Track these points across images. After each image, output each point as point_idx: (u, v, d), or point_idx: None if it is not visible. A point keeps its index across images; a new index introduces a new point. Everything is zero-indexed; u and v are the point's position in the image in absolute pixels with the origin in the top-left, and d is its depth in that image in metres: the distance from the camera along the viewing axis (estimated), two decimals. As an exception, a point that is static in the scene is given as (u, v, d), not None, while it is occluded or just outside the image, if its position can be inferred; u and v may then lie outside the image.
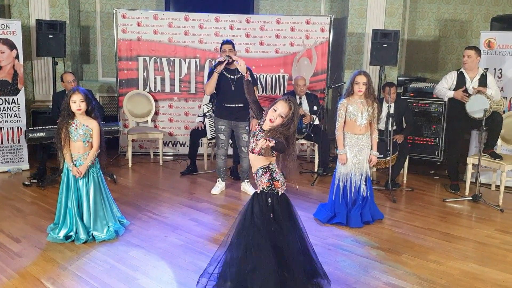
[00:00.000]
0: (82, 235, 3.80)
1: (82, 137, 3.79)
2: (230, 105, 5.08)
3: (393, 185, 5.36)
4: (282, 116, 2.83)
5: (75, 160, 3.82)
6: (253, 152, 2.95)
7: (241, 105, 5.09)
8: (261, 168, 2.95)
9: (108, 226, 3.93)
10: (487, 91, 5.13)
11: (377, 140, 4.42)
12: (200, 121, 6.14)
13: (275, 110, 2.84)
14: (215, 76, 4.94)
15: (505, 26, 6.34)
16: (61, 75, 5.85)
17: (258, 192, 2.96)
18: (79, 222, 3.82)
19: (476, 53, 5.28)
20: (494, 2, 7.53)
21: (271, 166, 2.95)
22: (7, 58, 5.79)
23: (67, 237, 3.81)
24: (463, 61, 5.34)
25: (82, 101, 3.75)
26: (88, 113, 3.82)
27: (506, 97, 5.72)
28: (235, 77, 5.05)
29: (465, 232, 4.29)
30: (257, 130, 2.96)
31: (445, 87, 5.43)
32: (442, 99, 5.69)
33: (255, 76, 5.41)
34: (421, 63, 7.82)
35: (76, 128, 3.78)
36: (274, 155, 2.95)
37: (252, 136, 2.98)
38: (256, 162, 2.97)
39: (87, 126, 3.80)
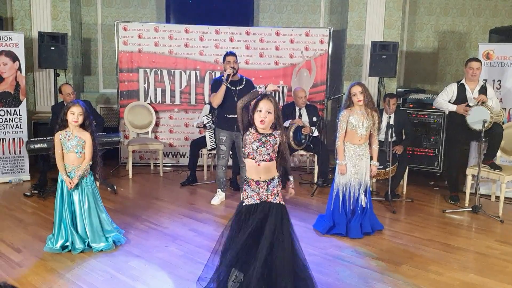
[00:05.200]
0: (78, 245, 3.81)
1: (75, 148, 3.81)
2: (232, 116, 5.11)
3: (393, 196, 5.37)
4: (269, 112, 2.87)
5: (69, 172, 3.84)
6: (271, 160, 2.92)
7: (243, 115, 5.13)
8: (277, 178, 2.97)
9: (106, 237, 3.94)
10: (487, 101, 5.16)
11: (377, 151, 4.45)
12: (200, 121, 6.13)
13: (260, 111, 2.87)
14: (223, 88, 5.00)
15: (503, 37, 6.41)
16: (60, 86, 5.80)
17: (278, 202, 2.94)
18: (74, 233, 3.84)
19: (481, 65, 5.32)
20: (493, 14, 7.61)
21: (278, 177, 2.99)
22: (10, 70, 5.85)
23: (63, 247, 3.82)
24: (471, 73, 5.26)
25: (81, 115, 3.79)
26: (83, 126, 3.86)
27: (505, 108, 5.76)
28: (238, 88, 5.11)
29: (465, 243, 4.29)
30: (258, 138, 2.91)
31: (445, 99, 5.44)
32: (443, 111, 5.70)
33: (256, 87, 5.45)
34: (420, 74, 7.87)
35: (68, 139, 3.81)
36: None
37: (260, 145, 2.90)
38: (274, 170, 2.95)
39: (79, 137, 3.83)
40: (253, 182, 2.96)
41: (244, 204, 2.99)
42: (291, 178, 3.08)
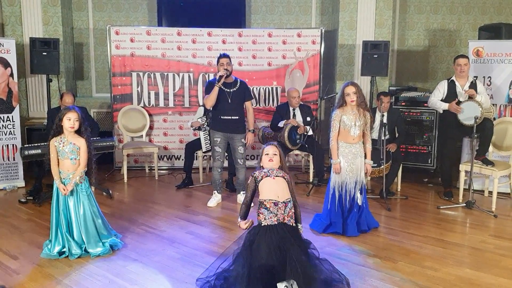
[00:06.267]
0: (75, 250, 3.80)
1: (70, 155, 3.81)
2: (226, 117, 5.13)
3: (388, 194, 5.41)
4: (275, 154, 3.27)
5: (63, 178, 3.84)
6: (284, 178, 3.23)
7: (237, 117, 5.15)
8: (292, 202, 3.22)
9: (103, 242, 3.93)
10: (477, 96, 5.22)
11: (371, 149, 4.48)
12: (198, 119, 6.12)
13: (268, 154, 3.27)
14: (216, 89, 5.00)
15: (492, 34, 6.48)
16: (62, 93, 5.78)
17: (292, 225, 3.16)
18: (70, 239, 3.84)
19: (468, 61, 5.40)
20: (482, 11, 7.69)
21: None
22: (2, 76, 5.82)
23: (60, 253, 3.82)
24: (460, 69, 5.36)
25: (77, 120, 3.78)
26: (78, 132, 3.86)
27: (495, 104, 5.82)
28: (231, 90, 5.12)
29: (459, 238, 4.34)
30: (265, 174, 3.21)
31: (439, 98, 5.50)
32: (437, 110, 5.74)
33: (250, 89, 5.47)
34: (412, 72, 7.93)
35: (63, 146, 3.80)
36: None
37: (269, 170, 3.23)
38: (288, 192, 3.22)
39: (74, 144, 3.82)
40: (272, 203, 3.11)
41: (262, 224, 3.11)
42: (299, 226, 3.31)
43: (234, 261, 3.15)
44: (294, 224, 3.17)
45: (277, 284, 2.86)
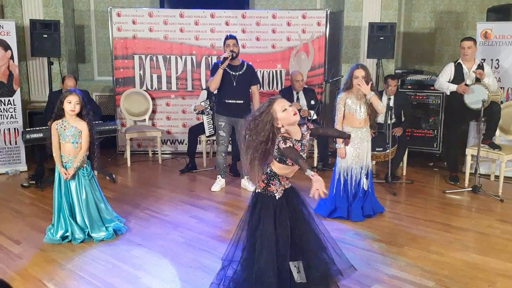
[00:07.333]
0: (78, 235, 3.79)
1: (71, 138, 3.77)
2: (230, 101, 5.05)
3: (393, 178, 5.36)
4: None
5: (65, 162, 3.80)
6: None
7: (242, 101, 5.07)
8: None
9: (106, 227, 3.91)
10: (485, 79, 5.13)
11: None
12: (201, 103, 6.05)
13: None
14: (220, 72, 4.91)
15: (501, 16, 6.34)
16: (64, 76, 5.71)
17: (291, 186, 3.01)
18: (73, 223, 3.81)
19: (474, 44, 5.30)
20: (490, -8, 7.52)
21: None
22: (2, 59, 5.75)
23: (63, 237, 3.80)
24: (463, 53, 5.30)
25: (77, 103, 3.73)
26: (79, 115, 3.80)
27: (503, 88, 5.73)
28: (237, 73, 5.03)
29: (465, 222, 4.30)
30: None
31: (446, 80, 5.42)
32: (444, 92, 5.66)
33: (257, 72, 5.37)
34: (418, 55, 7.80)
35: (64, 129, 3.76)
36: None
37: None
38: None
39: (75, 127, 3.77)
40: (285, 178, 2.95)
41: (277, 198, 2.90)
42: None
43: (259, 254, 2.81)
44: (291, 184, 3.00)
45: (289, 262, 2.82)
